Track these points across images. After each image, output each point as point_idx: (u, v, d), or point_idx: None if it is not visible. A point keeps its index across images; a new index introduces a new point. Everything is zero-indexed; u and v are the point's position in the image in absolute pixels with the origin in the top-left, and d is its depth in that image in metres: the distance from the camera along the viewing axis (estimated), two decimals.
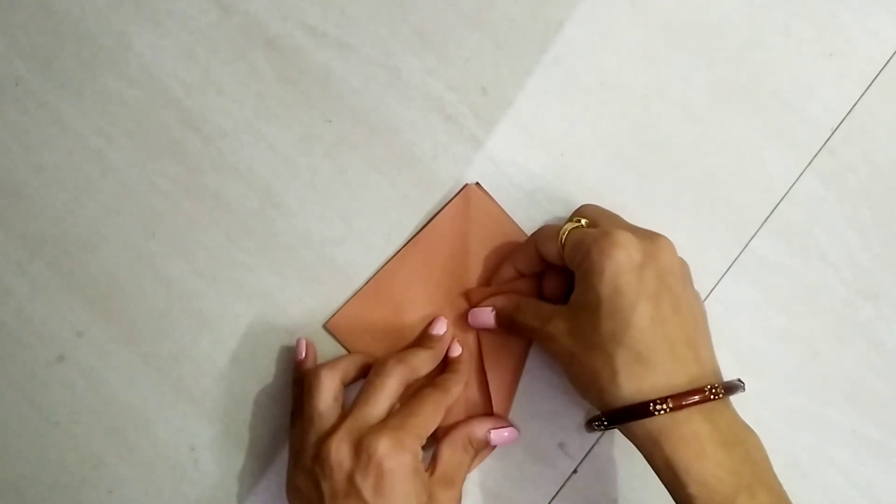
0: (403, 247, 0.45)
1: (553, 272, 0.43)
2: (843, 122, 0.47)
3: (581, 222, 0.40)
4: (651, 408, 0.35)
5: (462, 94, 0.46)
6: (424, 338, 0.44)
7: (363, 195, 0.46)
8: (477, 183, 0.46)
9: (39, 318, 0.44)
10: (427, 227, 0.45)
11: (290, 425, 0.43)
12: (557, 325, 0.38)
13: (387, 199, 0.46)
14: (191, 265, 0.45)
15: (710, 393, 0.35)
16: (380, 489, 0.36)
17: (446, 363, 0.44)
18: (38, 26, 0.46)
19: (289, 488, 0.40)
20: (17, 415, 0.44)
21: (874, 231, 0.47)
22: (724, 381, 0.37)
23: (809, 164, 0.47)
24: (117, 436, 0.44)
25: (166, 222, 0.45)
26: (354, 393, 0.40)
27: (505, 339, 0.44)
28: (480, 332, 0.45)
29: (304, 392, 0.41)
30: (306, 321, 0.45)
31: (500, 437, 0.43)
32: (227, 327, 0.45)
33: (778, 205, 0.47)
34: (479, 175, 0.46)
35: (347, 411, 0.39)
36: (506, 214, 0.46)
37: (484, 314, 0.43)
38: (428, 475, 0.39)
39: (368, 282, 0.45)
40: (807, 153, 0.47)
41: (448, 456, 0.41)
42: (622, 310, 0.36)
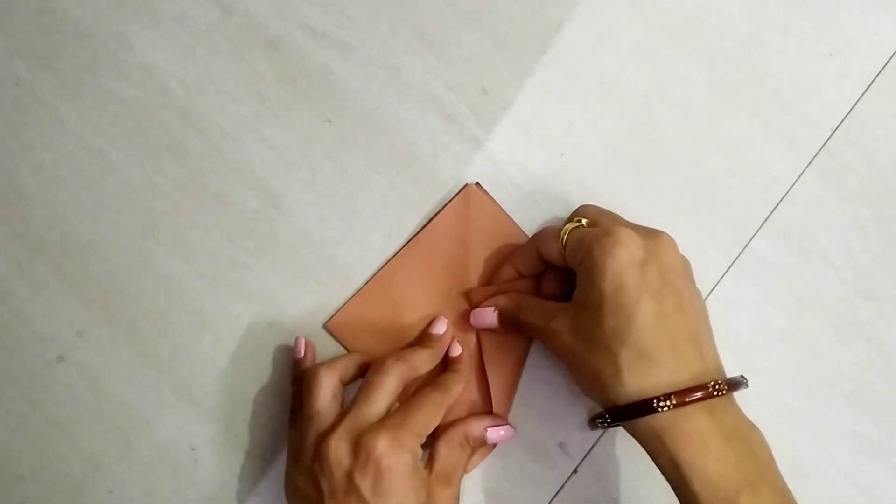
0: (403, 247, 0.45)
1: (552, 273, 0.43)
2: (843, 122, 0.47)
3: (582, 222, 0.40)
4: (655, 404, 0.35)
5: (462, 94, 0.46)
6: (424, 337, 0.44)
7: (363, 195, 0.46)
8: (477, 183, 0.46)
9: (39, 318, 0.44)
10: (427, 227, 0.45)
11: (289, 424, 0.43)
12: (561, 322, 0.38)
13: (387, 199, 0.46)
14: (191, 265, 0.45)
15: (713, 389, 0.35)
16: (378, 487, 0.36)
17: (446, 363, 0.44)
18: (38, 26, 0.46)
19: (288, 487, 0.40)
20: (17, 415, 0.44)
21: (874, 231, 0.47)
22: (727, 377, 0.37)
23: (809, 164, 0.47)
24: (117, 436, 0.44)
25: (166, 222, 0.45)
26: (353, 392, 0.40)
27: (505, 338, 0.44)
28: (480, 331, 0.45)
29: (303, 391, 0.40)
30: (306, 321, 0.45)
31: (497, 435, 0.43)
32: (227, 327, 0.45)
33: (778, 205, 0.47)
34: (479, 175, 0.46)
35: (346, 410, 0.39)
36: (506, 214, 0.46)
37: (486, 314, 0.43)
38: (426, 473, 0.39)
39: (368, 282, 0.45)
40: (807, 153, 0.47)
41: (445, 454, 0.41)
42: (625, 307, 0.36)
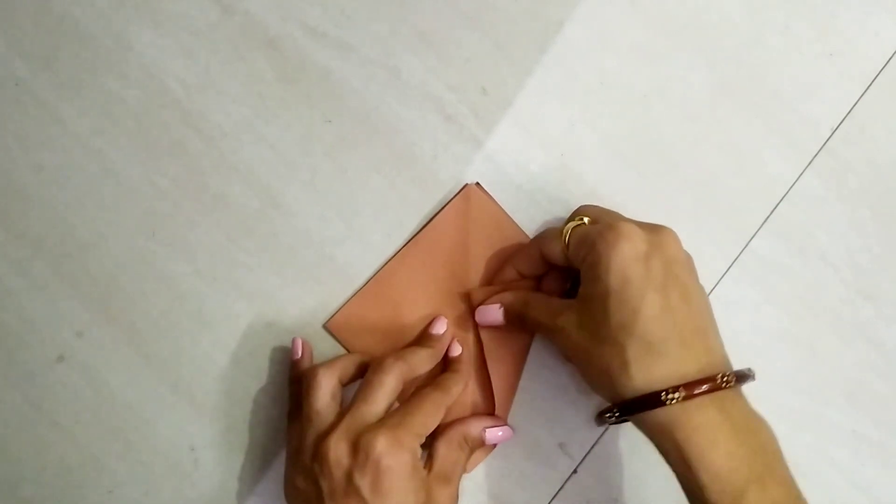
0: (403, 247, 0.45)
1: (553, 273, 0.43)
2: (843, 122, 0.47)
3: (583, 220, 0.40)
4: (663, 397, 0.34)
5: (462, 94, 0.46)
6: (424, 337, 0.44)
7: (363, 195, 0.46)
8: (477, 183, 0.46)
9: (39, 318, 0.44)
10: (427, 227, 0.45)
11: (288, 425, 0.43)
12: (567, 319, 0.38)
13: (387, 199, 0.46)
14: (191, 265, 0.45)
15: (721, 381, 0.35)
16: (378, 487, 0.36)
17: (446, 363, 0.44)
18: (38, 26, 0.46)
19: (287, 488, 0.39)
20: (17, 415, 0.44)
21: (874, 231, 0.47)
22: (735, 369, 0.37)
23: (809, 164, 0.47)
24: (117, 436, 0.44)
25: (166, 222, 0.45)
26: (352, 393, 0.40)
27: (505, 338, 0.44)
28: (482, 331, 0.44)
29: (302, 391, 0.40)
30: (306, 321, 0.45)
31: (495, 435, 0.43)
32: (227, 327, 0.45)
33: (778, 205, 0.47)
34: (479, 175, 0.46)
35: (346, 410, 0.39)
36: (506, 214, 0.46)
37: (492, 311, 0.43)
38: (425, 473, 0.39)
39: (368, 282, 0.45)
40: (807, 153, 0.47)
41: (444, 454, 0.41)
42: (631, 300, 0.36)
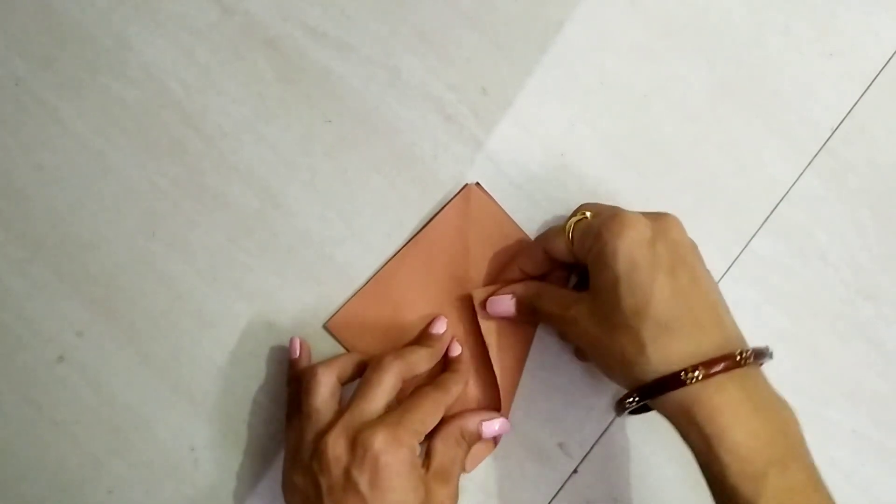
0: (403, 247, 0.45)
1: (557, 272, 0.43)
2: (843, 122, 0.47)
3: (585, 214, 0.41)
4: (682, 376, 0.34)
5: (462, 94, 0.46)
6: (424, 337, 0.44)
7: (363, 195, 0.46)
8: (477, 183, 0.46)
9: (39, 318, 0.44)
10: (427, 227, 0.45)
11: (286, 424, 0.43)
12: (579, 309, 0.38)
13: (387, 199, 0.46)
14: (191, 265, 0.45)
15: (739, 358, 0.35)
16: (376, 483, 0.36)
17: (446, 363, 0.44)
18: (38, 26, 0.46)
19: (285, 486, 0.39)
20: (17, 415, 0.44)
21: (874, 231, 0.47)
22: (752, 347, 0.37)
23: (809, 164, 0.47)
24: (117, 436, 0.44)
25: (166, 222, 0.45)
26: (351, 392, 0.40)
27: (507, 337, 0.44)
28: (483, 328, 0.44)
29: (301, 390, 0.40)
30: (306, 321, 0.45)
31: (492, 429, 0.43)
32: (227, 327, 0.45)
33: (778, 205, 0.47)
34: (479, 175, 0.46)
35: (344, 408, 0.39)
36: (506, 214, 0.46)
37: (504, 301, 0.43)
38: (424, 471, 0.39)
39: (368, 282, 0.45)
40: (807, 153, 0.47)
41: (442, 451, 0.41)
42: (641, 284, 0.36)
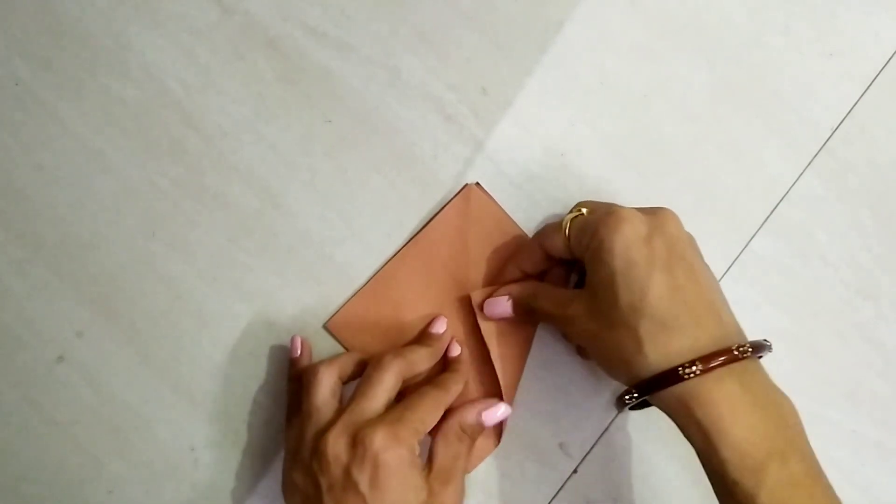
0: (403, 247, 0.45)
1: (556, 270, 0.44)
2: (843, 122, 0.47)
3: (581, 211, 0.41)
4: (680, 372, 0.34)
5: (462, 94, 0.46)
6: (423, 336, 0.44)
7: (363, 195, 0.46)
8: (477, 183, 0.46)
9: (39, 318, 0.44)
10: (427, 227, 0.45)
11: (286, 423, 0.43)
12: (576, 307, 0.38)
13: (387, 199, 0.46)
14: (191, 265, 0.45)
15: (737, 352, 0.35)
16: (376, 482, 0.36)
17: (446, 363, 0.44)
18: (38, 26, 0.46)
19: (285, 484, 0.39)
20: (17, 415, 0.44)
21: (874, 231, 0.47)
22: (751, 340, 0.37)
23: (809, 164, 0.47)
24: (117, 436, 0.44)
25: (166, 222, 0.45)
26: (351, 391, 0.40)
27: (508, 336, 0.44)
28: (483, 328, 0.44)
29: (300, 389, 0.40)
30: (306, 321, 0.45)
31: (493, 416, 0.42)
32: (227, 327, 0.45)
33: (778, 205, 0.47)
34: (479, 175, 0.46)
35: (345, 406, 0.39)
36: (506, 214, 0.46)
37: (501, 303, 0.43)
38: (426, 473, 0.39)
39: (368, 282, 0.45)
40: (807, 153, 0.47)
41: (443, 451, 0.41)
42: (638, 281, 0.36)
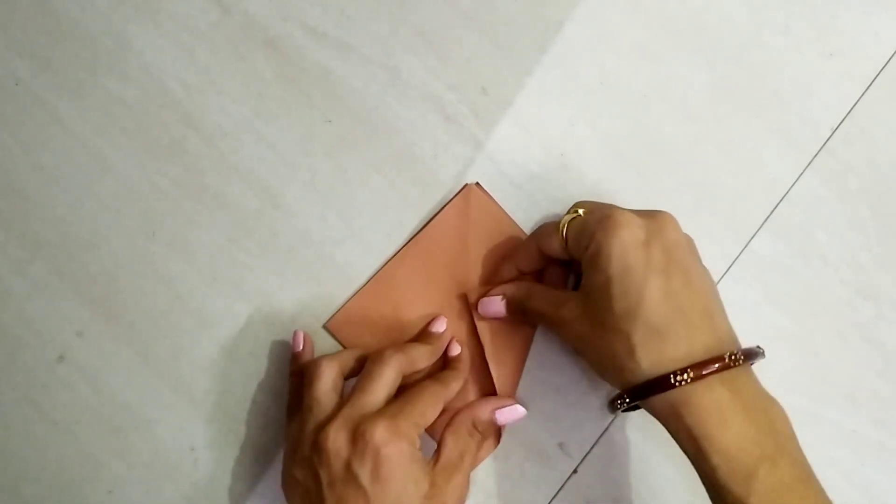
0: (403, 247, 0.45)
1: (553, 268, 0.43)
2: (843, 122, 0.47)
3: (579, 212, 0.41)
4: (672, 380, 0.35)
5: (462, 94, 0.46)
6: (424, 335, 0.44)
7: (363, 195, 0.46)
8: (477, 183, 0.46)
9: (39, 318, 0.44)
10: (427, 227, 0.45)
11: (287, 419, 0.43)
12: (570, 309, 0.38)
13: (387, 199, 0.46)
14: (191, 265, 0.45)
15: (729, 360, 0.35)
16: (377, 475, 0.36)
17: (445, 362, 0.44)
18: (38, 26, 0.46)
19: (285, 480, 0.39)
20: (17, 415, 0.44)
21: (874, 231, 0.47)
22: (743, 347, 0.37)
23: (809, 164, 0.47)
24: (117, 436, 0.44)
25: (166, 222, 0.45)
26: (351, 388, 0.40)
27: (506, 336, 0.44)
28: (481, 330, 0.44)
29: (302, 383, 0.40)
30: (306, 321, 0.45)
31: (506, 416, 0.42)
32: (226, 327, 0.45)
33: (778, 205, 0.47)
34: (479, 175, 0.46)
35: (345, 400, 0.38)
36: (506, 214, 0.46)
37: (494, 303, 0.43)
38: (431, 464, 0.39)
39: (368, 282, 0.45)
40: (807, 153, 0.47)
41: (451, 444, 0.40)
42: (633, 287, 0.36)
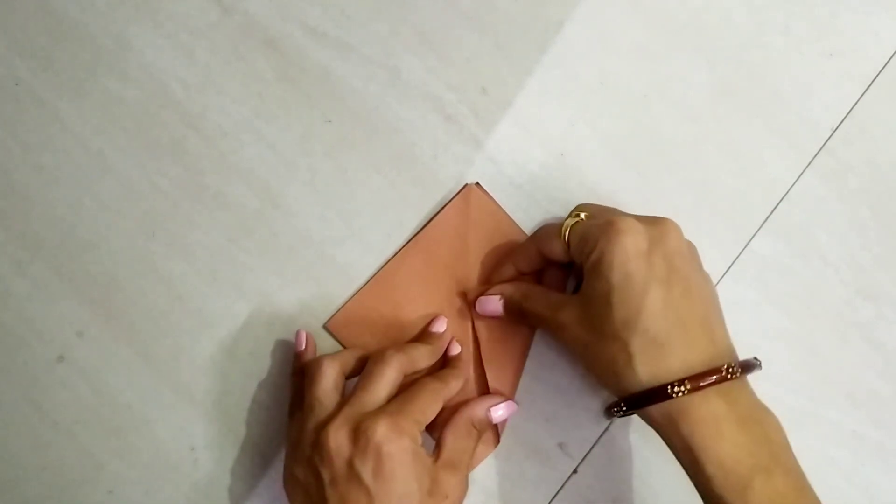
0: (403, 247, 0.45)
1: (552, 270, 0.43)
2: (843, 122, 0.47)
3: (581, 216, 0.40)
4: (669, 390, 0.35)
5: (462, 94, 0.46)
6: (424, 335, 0.44)
7: (363, 195, 0.46)
8: (477, 183, 0.46)
9: (39, 318, 0.44)
10: (427, 227, 0.45)
11: (289, 418, 0.43)
12: (568, 314, 0.38)
13: (387, 199, 0.46)
14: (191, 265, 0.45)
15: (726, 372, 0.35)
16: (379, 473, 0.36)
17: (445, 362, 0.44)
18: (38, 26, 0.46)
19: (286, 479, 0.39)
20: (17, 415, 0.44)
21: (874, 231, 0.47)
22: (740, 359, 0.37)
23: (809, 164, 0.47)
24: (117, 436, 0.44)
25: (166, 222, 0.45)
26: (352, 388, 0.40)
27: (505, 337, 0.44)
28: (480, 330, 0.44)
29: (305, 382, 0.40)
30: (306, 321, 0.45)
31: (498, 413, 0.42)
32: (226, 327, 0.45)
33: (778, 205, 0.47)
34: (479, 175, 0.46)
35: (346, 399, 0.39)
36: (506, 214, 0.46)
37: (492, 302, 0.43)
38: (432, 461, 0.39)
39: (368, 282, 0.45)
40: (807, 153, 0.47)
41: (451, 442, 0.41)
42: (634, 296, 0.36)
